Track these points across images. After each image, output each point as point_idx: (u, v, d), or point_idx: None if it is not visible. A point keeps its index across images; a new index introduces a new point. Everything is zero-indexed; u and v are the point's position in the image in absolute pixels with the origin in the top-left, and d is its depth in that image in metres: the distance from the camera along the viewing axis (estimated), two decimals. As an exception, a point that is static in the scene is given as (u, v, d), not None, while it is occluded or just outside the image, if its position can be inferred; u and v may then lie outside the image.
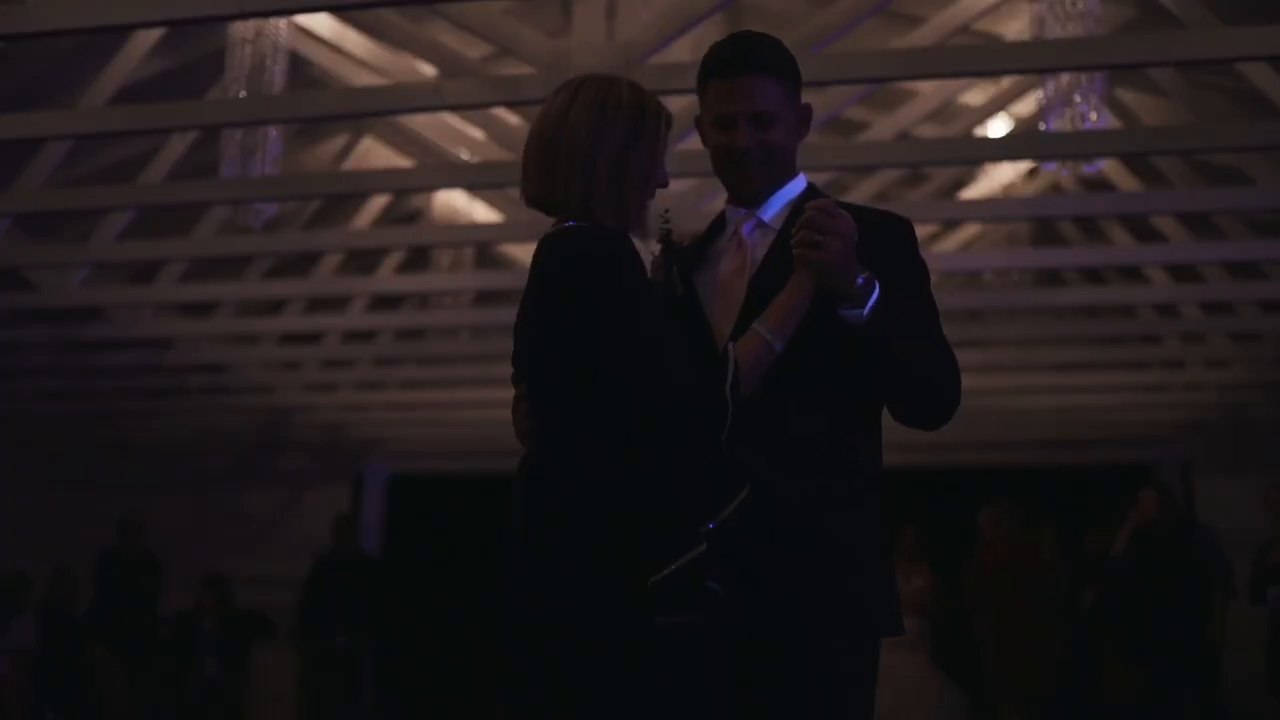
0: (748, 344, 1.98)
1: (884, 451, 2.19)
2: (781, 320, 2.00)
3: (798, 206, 2.16)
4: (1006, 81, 6.53)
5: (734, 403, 1.91)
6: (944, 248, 8.26)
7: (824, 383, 2.08)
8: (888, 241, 2.13)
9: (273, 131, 5.68)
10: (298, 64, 6.20)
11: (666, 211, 2.23)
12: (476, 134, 7.00)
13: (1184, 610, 7.09)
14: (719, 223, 2.30)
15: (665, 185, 2.16)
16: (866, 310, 1.98)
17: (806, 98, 2.25)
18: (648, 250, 2.14)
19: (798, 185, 2.25)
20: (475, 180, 6.60)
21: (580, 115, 2.06)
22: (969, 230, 8.31)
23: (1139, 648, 7.28)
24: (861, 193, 7.07)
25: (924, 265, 2.20)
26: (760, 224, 2.21)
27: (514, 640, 1.97)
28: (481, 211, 7.87)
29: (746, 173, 2.18)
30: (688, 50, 5.26)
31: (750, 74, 2.15)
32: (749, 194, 2.21)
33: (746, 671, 2.00)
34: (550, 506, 1.97)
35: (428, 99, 5.05)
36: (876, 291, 1.99)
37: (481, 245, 8.40)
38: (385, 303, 9.12)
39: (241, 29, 5.39)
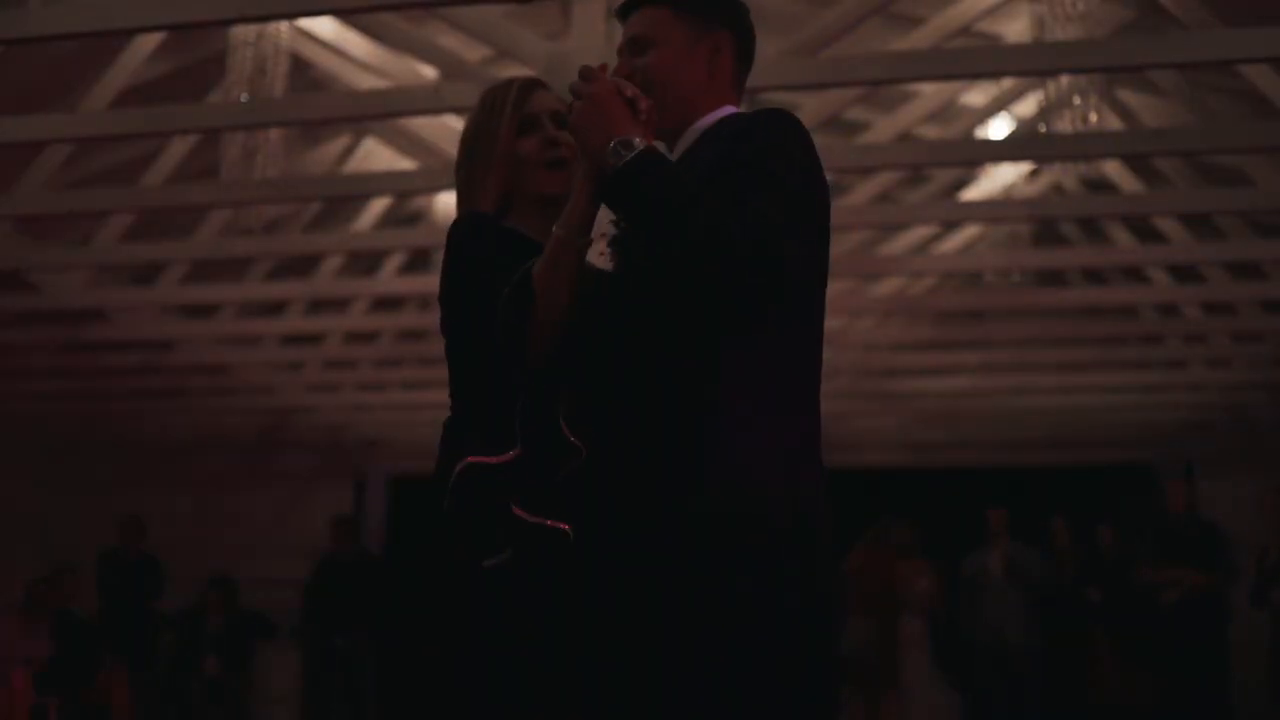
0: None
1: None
2: (566, 211, 1.88)
3: (707, 133, 1.96)
4: (1008, 82, 6.53)
5: (520, 306, 1.85)
6: (945, 248, 8.27)
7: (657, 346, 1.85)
8: (733, 134, 1.88)
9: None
10: (299, 66, 6.21)
11: None
12: (477, 135, 7.00)
13: (1205, 610, 7.09)
14: None
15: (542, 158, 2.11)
16: (613, 170, 1.78)
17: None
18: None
19: (716, 115, 1.98)
20: (476, 182, 6.59)
21: (468, 118, 2.23)
22: (970, 231, 8.31)
23: (1158, 647, 7.25)
24: (862, 193, 7.06)
25: (774, 144, 1.83)
26: None
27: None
28: (483, 213, 7.86)
29: None
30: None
31: (635, 10, 2.03)
32: None
33: (602, 613, 1.89)
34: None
35: (428, 101, 5.06)
36: (634, 154, 1.77)
37: (483, 246, 8.38)
38: (387, 304, 9.12)
39: (243, 32, 5.40)
